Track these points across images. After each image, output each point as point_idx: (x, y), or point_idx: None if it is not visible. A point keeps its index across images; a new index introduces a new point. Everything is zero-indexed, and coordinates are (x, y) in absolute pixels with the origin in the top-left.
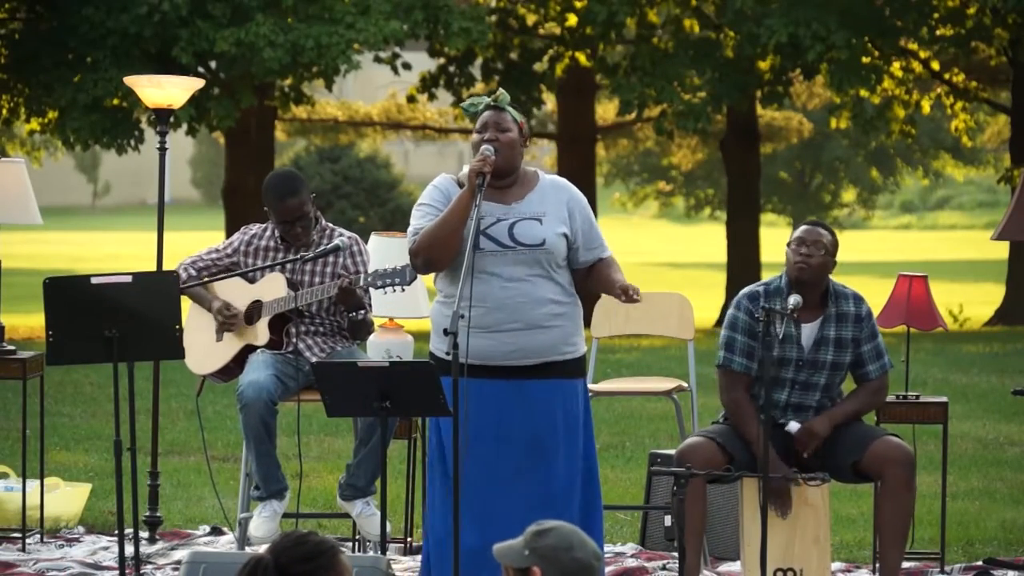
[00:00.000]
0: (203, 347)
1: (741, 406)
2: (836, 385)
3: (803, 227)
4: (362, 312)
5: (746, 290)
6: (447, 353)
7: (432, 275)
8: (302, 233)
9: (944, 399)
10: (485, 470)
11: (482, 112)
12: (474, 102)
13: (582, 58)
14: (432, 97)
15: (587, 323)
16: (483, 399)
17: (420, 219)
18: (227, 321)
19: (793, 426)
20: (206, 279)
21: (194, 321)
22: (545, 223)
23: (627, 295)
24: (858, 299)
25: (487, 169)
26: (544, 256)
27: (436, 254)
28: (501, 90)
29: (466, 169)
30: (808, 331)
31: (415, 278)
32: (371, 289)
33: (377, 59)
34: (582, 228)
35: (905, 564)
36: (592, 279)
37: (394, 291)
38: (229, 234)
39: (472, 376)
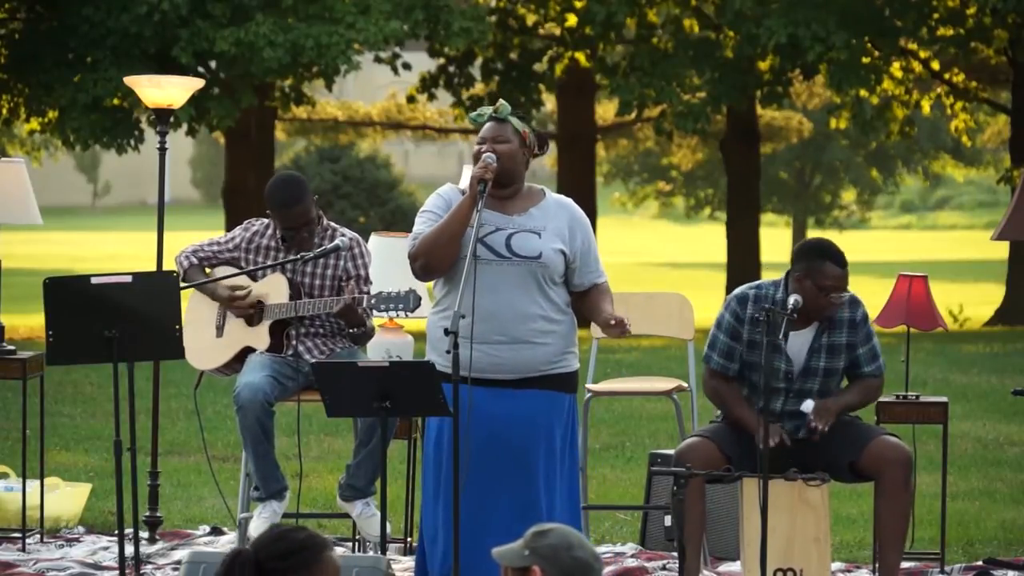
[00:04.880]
0: (203, 341)
1: (720, 391)
2: (832, 390)
3: (832, 268)
4: (362, 328)
5: (737, 291)
6: (442, 365)
7: (431, 282)
8: (308, 238)
9: (944, 399)
10: (467, 479)
11: (485, 123)
12: (481, 112)
13: (582, 58)
14: (432, 97)
15: (587, 324)
16: (470, 407)
17: (421, 225)
18: (242, 304)
19: (808, 404)
20: (212, 279)
21: (194, 314)
22: (544, 237)
23: (618, 326)
24: (854, 303)
25: (488, 176)
26: (539, 270)
27: (435, 259)
28: (502, 101)
29: (466, 171)
30: (801, 340)
31: (419, 305)
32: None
33: (377, 59)
34: (581, 250)
35: (905, 564)
36: (584, 306)
37: (396, 316)
38: None
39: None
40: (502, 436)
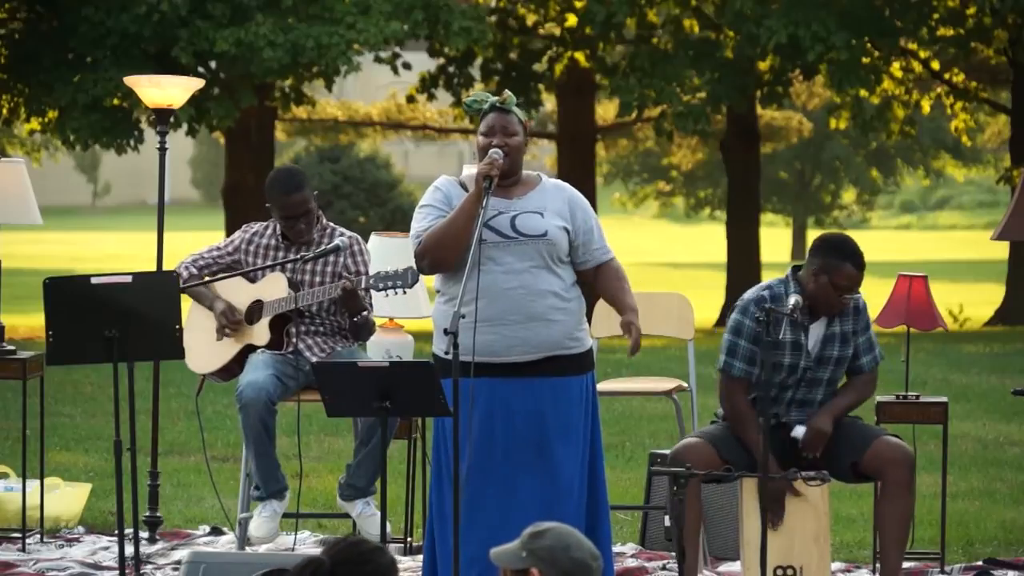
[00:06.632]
0: (203, 346)
1: (742, 414)
2: (839, 379)
3: (851, 269)
4: (364, 314)
5: (751, 295)
6: (446, 352)
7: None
8: (305, 229)
9: (944, 399)
10: (493, 471)
11: (487, 112)
12: (478, 99)
13: (581, 58)
14: (432, 97)
15: (587, 321)
16: (491, 399)
17: (422, 220)
18: (230, 325)
19: (799, 430)
20: (208, 279)
21: (195, 320)
22: (546, 216)
23: (629, 334)
24: None
25: (494, 173)
26: (546, 247)
27: (443, 255)
28: (508, 92)
29: (467, 170)
30: (815, 330)
31: (417, 280)
32: (372, 291)
33: (377, 59)
34: (583, 227)
35: (905, 564)
36: (600, 286)
37: (396, 293)
38: (229, 234)
39: (479, 375)
40: (529, 428)
